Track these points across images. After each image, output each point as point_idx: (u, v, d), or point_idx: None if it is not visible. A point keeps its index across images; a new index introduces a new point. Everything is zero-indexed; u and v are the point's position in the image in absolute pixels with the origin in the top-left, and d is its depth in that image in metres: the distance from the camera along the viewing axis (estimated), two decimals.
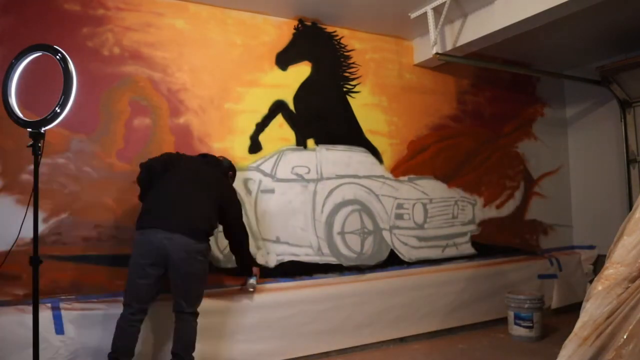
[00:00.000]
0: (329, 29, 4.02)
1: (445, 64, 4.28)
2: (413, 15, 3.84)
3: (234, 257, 3.25)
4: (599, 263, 4.96)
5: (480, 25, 3.76)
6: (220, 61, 3.58)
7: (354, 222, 3.97)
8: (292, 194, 3.74)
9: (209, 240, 2.90)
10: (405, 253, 4.20)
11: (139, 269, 2.69)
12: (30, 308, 2.32)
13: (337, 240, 3.89)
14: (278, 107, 3.76)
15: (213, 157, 3.21)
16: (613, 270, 2.05)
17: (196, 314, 2.87)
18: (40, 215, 2.64)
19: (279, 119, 3.76)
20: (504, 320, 4.19)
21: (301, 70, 3.89)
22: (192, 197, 2.85)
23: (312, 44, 3.94)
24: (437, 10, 3.70)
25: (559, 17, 3.38)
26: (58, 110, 2.00)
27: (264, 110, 3.71)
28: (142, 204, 2.91)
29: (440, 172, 4.48)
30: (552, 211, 5.20)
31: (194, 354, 2.83)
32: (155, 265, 2.69)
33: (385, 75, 4.27)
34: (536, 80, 5.25)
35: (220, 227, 3.10)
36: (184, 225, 2.72)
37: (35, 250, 1.99)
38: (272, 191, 3.67)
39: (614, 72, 4.49)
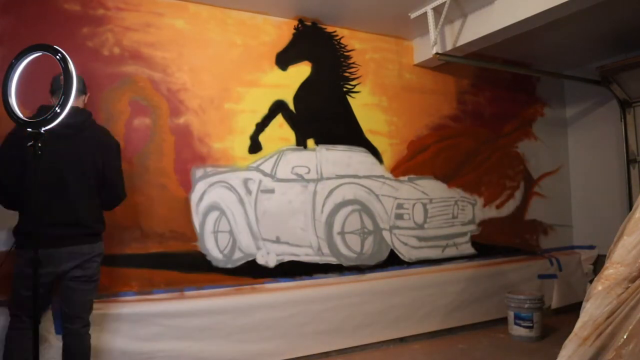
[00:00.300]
0: (329, 29, 4.02)
1: (445, 64, 4.28)
2: (413, 15, 3.84)
3: (233, 257, 3.25)
4: (599, 263, 4.96)
5: (480, 25, 3.76)
6: (220, 61, 3.58)
7: (354, 222, 3.97)
8: (292, 194, 3.74)
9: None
10: (405, 253, 4.20)
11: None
12: None
13: (337, 240, 3.89)
14: (278, 107, 3.76)
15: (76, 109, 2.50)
16: (613, 270, 2.05)
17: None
18: None
19: (279, 119, 3.76)
20: (504, 320, 4.19)
21: (301, 70, 3.89)
22: (72, 189, 2.50)
23: (312, 44, 3.94)
24: (437, 10, 3.70)
25: (559, 17, 3.38)
26: (58, 110, 1.99)
27: (264, 110, 3.71)
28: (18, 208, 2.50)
29: (440, 172, 4.48)
30: (552, 211, 5.20)
31: None
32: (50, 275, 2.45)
33: (385, 75, 4.27)
34: (536, 80, 5.25)
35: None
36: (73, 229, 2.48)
37: (35, 251, 1.98)
38: (272, 191, 3.67)
39: (614, 72, 4.49)
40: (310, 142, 3.88)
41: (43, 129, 1.98)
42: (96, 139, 2.63)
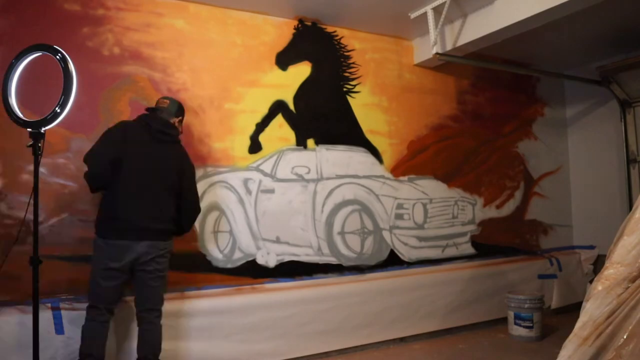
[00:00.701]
0: (329, 29, 4.02)
1: (445, 64, 4.29)
2: (413, 15, 3.84)
3: (233, 257, 3.25)
4: (599, 263, 4.96)
5: (480, 25, 3.76)
6: (220, 61, 3.58)
7: (354, 222, 3.97)
8: (292, 194, 3.74)
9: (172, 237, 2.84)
10: (405, 253, 4.20)
11: (106, 272, 2.60)
12: (30, 308, 2.34)
13: (337, 240, 3.89)
14: (278, 107, 3.76)
15: (162, 117, 2.83)
16: (613, 270, 2.05)
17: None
18: (41, 215, 2.65)
19: (279, 119, 3.76)
20: (504, 320, 4.19)
21: (301, 70, 3.89)
22: (153, 195, 2.70)
23: (312, 44, 3.94)
24: (437, 10, 3.70)
25: (559, 17, 3.38)
26: (58, 110, 2.00)
27: (264, 110, 3.71)
28: (102, 205, 2.70)
29: (440, 172, 4.48)
30: (552, 211, 5.20)
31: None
32: (123, 269, 2.62)
33: (385, 75, 4.27)
34: (536, 80, 5.25)
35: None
36: (150, 230, 2.65)
37: (35, 250, 1.99)
38: (272, 191, 3.67)
39: (614, 72, 4.49)
40: (310, 142, 3.88)
41: (43, 129, 1.99)
42: (180, 156, 2.88)
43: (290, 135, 3.80)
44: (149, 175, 2.68)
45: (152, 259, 2.65)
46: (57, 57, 2.03)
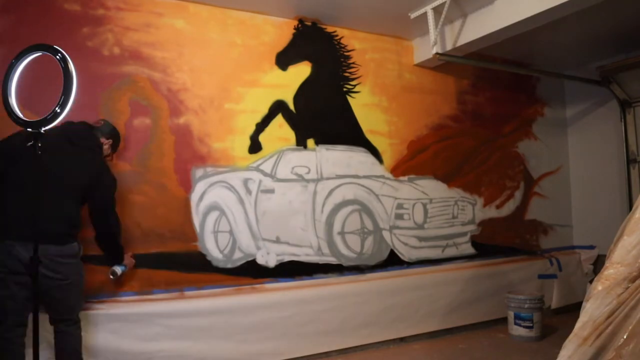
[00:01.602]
0: (329, 29, 4.02)
1: (445, 64, 4.28)
2: (413, 15, 3.84)
3: (233, 257, 3.25)
4: (599, 263, 4.96)
5: (480, 25, 3.76)
6: (220, 61, 3.58)
7: (354, 222, 3.97)
8: (292, 194, 3.74)
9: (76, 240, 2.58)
10: (405, 253, 4.20)
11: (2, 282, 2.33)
12: None
13: (337, 240, 3.89)
14: (278, 107, 3.76)
15: (82, 126, 2.72)
16: (613, 270, 2.05)
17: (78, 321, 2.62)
18: None
19: (279, 119, 3.76)
20: (504, 320, 4.19)
21: (301, 70, 3.89)
22: (48, 197, 2.39)
23: (312, 44, 3.94)
24: (437, 10, 3.70)
25: (559, 17, 3.39)
26: (58, 110, 1.99)
27: (264, 110, 3.71)
28: None
29: (440, 172, 4.48)
30: (552, 211, 5.20)
31: None
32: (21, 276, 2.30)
33: (385, 75, 4.27)
34: (536, 80, 5.25)
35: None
36: (44, 233, 2.31)
37: (35, 251, 1.99)
38: (272, 191, 3.67)
39: (614, 72, 4.49)
40: (310, 142, 3.88)
41: (43, 129, 1.99)
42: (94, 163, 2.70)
43: (290, 135, 3.80)
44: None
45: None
46: (57, 57, 2.03)
